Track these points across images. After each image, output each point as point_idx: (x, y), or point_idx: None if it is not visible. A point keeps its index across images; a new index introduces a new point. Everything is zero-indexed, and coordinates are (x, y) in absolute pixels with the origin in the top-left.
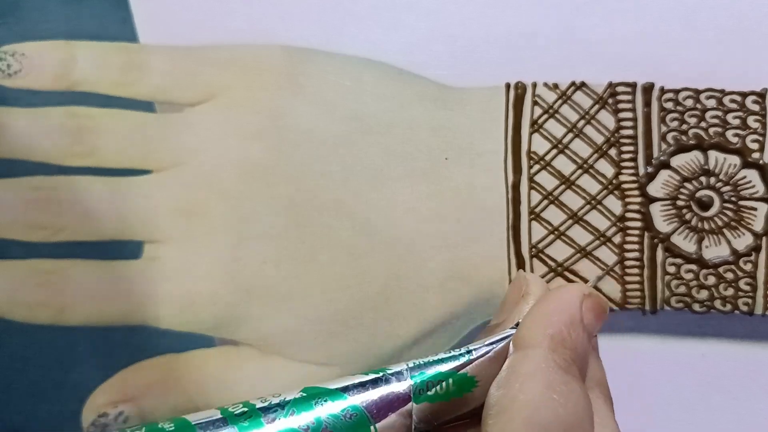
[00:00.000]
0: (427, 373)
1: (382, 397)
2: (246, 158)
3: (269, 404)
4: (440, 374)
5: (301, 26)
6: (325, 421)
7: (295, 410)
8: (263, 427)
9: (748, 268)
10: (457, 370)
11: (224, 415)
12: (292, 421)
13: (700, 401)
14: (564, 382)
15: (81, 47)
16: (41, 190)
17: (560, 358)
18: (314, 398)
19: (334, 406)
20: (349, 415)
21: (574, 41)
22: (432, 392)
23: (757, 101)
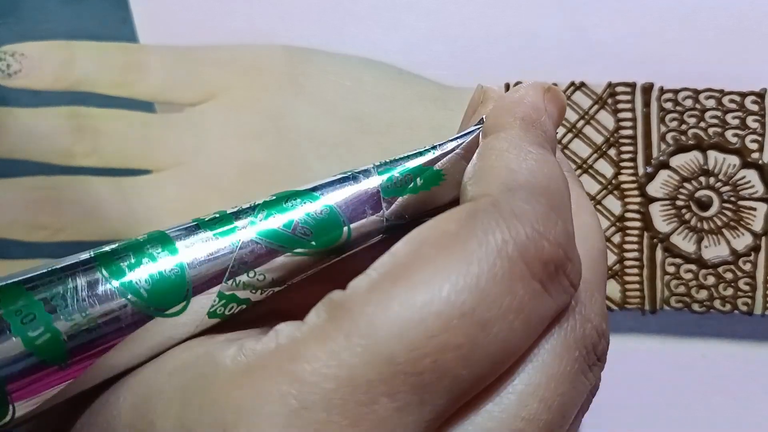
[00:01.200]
0: (394, 169)
1: (352, 194)
2: (246, 158)
3: (240, 209)
4: (408, 170)
5: (301, 26)
6: (297, 219)
7: (266, 211)
8: (236, 230)
9: (747, 268)
10: (424, 165)
11: (196, 221)
12: (265, 222)
13: (699, 401)
14: (539, 153)
15: (81, 47)
16: (41, 190)
17: (533, 136)
18: (284, 199)
19: (305, 206)
20: (321, 211)
21: (574, 41)
22: (401, 187)
23: (756, 101)
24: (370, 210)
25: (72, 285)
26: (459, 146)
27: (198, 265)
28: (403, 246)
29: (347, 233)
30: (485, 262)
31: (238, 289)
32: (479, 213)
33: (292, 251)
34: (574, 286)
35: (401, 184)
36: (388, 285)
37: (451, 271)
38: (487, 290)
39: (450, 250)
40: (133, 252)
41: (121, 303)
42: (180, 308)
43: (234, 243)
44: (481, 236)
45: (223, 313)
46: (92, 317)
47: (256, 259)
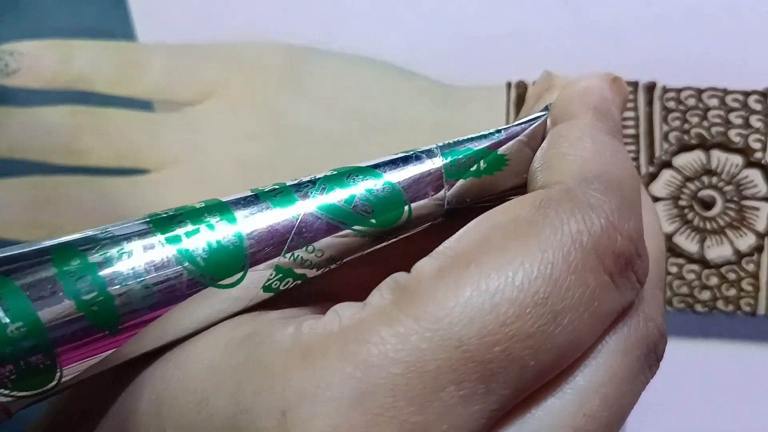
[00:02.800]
0: (458, 150)
1: (414, 174)
2: (245, 157)
3: (300, 182)
4: (471, 152)
5: (300, 24)
6: (358, 196)
7: (327, 185)
8: (296, 201)
9: (750, 269)
10: (488, 149)
11: (256, 192)
12: (326, 197)
13: (702, 401)
14: (612, 144)
15: (79, 46)
16: (39, 189)
17: (605, 126)
18: (346, 174)
19: (367, 183)
20: (383, 189)
21: (576, 39)
22: (464, 170)
23: (759, 100)
24: (431, 191)
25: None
26: (523, 131)
27: (257, 236)
28: (474, 229)
29: (408, 213)
30: (560, 250)
31: (296, 263)
32: (553, 201)
33: (351, 228)
34: (641, 282)
35: (464, 166)
36: (459, 269)
37: (525, 258)
38: (561, 280)
39: (524, 236)
40: (191, 219)
41: (177, 270)
42: (237, 279)
43: (294, 216)
44: (556, 224)
45: (278, 288)
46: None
47: (315, 233)
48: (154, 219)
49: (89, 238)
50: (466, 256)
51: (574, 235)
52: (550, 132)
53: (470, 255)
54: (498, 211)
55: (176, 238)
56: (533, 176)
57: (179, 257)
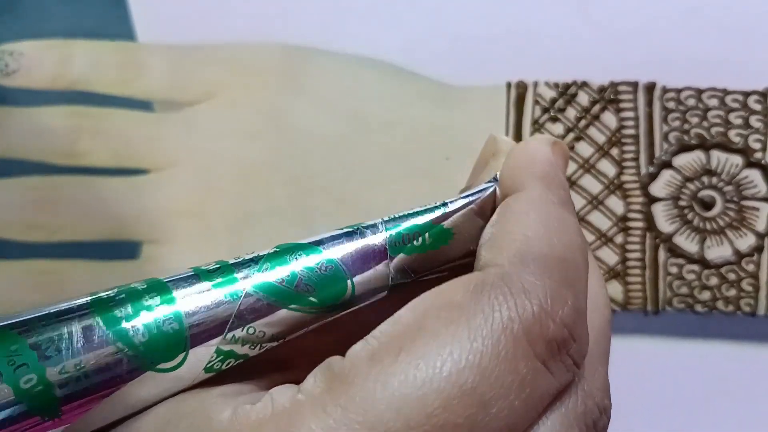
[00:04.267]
0: (402, 226)
1: (358, 250)
2: (245, 158)
3: (242, 260)
4: (416, 227)
5: (300, 25)
6: (299, 274)
7: (269, 265)
8: (237, 282)
9: (750, 269)
10: (433, 223)
11: (196, 272)
12: (267, 275)
13: (702, 402)
14: (561, 217)
15: (79, 46)
16: (39, 189)
17: (554, 195)
18: (288, 253)
19: (308, 260)
20: (325, 267)
21: (576, 40)
22: (408, 245)
23: (759, 101)
24: (375, 266)
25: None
26: (471, 203)
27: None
28: (406, 314)
29: (351, 289)
30: (489, 339)
31: (237, 344)
32: (487, 285)
33: (293, 307)
34: (577, 365)
35: (408, 240)
36: (388, 357)
37: (454, 347)
38: (489, 369)
39: (454, 323)
40: (130, 300)
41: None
42: (177, 363)
43: (234, 296)
44: (487, 311)
45: (220, 368)
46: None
47: (257, 314)
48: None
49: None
50: (397, 342)
51: (505, 322)
52: (500, 205)
53: (401, 341)
54: (433, 294)
55: (116, 321)
56: (479, 253)
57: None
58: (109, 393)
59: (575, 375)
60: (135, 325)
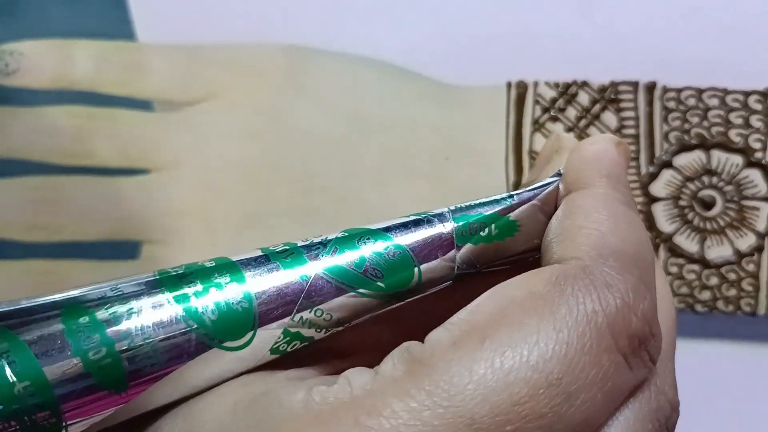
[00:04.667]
0: (470, 215)
1: (425, 238)
2: (245, 158)
3: (311, 243)
4: (483, 217)
5: (301, 25)
6: (368, 259)
7: (338, 248)
8: (306, 263)
9: (750, 269)
10: (500, 214)
11: (266, 252)
12: (336, 259)
13: (702, 402)
14: (628, 215)
15: (79, 46)
16: (39, 189)
17: (620, 194)
18: (357, 237)
19: (377, 246)
20: (393, 253)
21: (576, 39)
22: (475, 235)
23: (760, 100)
24: (442, 255)
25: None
26: (535, 197)
27: (266, 298)
28: (489, 302)
29: (418, 276)
30: (575, 330)
31: (304, 326)
32: (570, 277)
33: (360, 291)
34: (653, 361)
35: (475, 231)
36: (473, 343)
37: (540, 337)
38: (575, 360)
39: (539, 313)
40: (200, 278)
41: (185, 331)
42: (244, 342)
43: (303, 278)
44: (572, 303)
45: (285, 350)
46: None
47: (325, 296)
48: (164, 276)
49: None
50: (481, 330)
51: (589, 315)
52: (565, 200)
53: (485, 329)
54: (513, 284)
55: (185, 298)
56: (548, 247)
57: (188, 318)
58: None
59: (650, 371)
60: (205, 303)
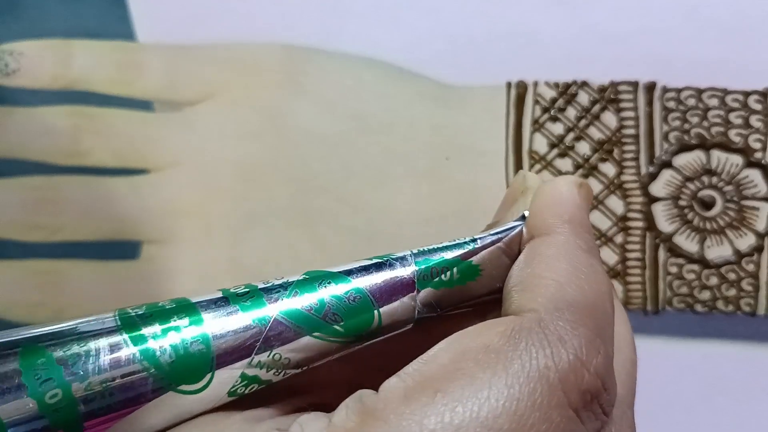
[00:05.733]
0: (431, 259)
1: (386, 281)
2: (245, 158)
3: (272, 285)
4: (444, 261)
5: (300, 25)
6: (328, 303)
7: (298, 291)
8: (265, 306)
9: (750, 269)
10: (461, 258)
11: (225, 294)
12: (295, 302)
13: (702, 402)
14: (588, 264)
15: (79, 46)
16: (39, 189)
17: (582, 241)
18: (317, 280)
19: (337, 289)
20: (353, 297)
21: (576, 40)
22: (436, 279)
23: (759, 100)
24: (402, 298)
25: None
26: (499, 241)
27: (224, 342)
28: (443, 353)
29: (378, 320)
30: (526, 386)
31: (262, 369)
32: (524, 331)
33: (320, 335)
34: (606, 414)
35: (436, 275)
36: (425, 396)
37: (492, 392)
38: (525, 416)
39: (492, 368)
40: (159, 320)
41: (143, 374)
42: (202, 385)
43: (262, 322)
44: (525, 358)
45: (243, 393)
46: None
47: (283, 341)
48: (123, 317)
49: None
50: (434, 382)
51: (541, 370)
52: (527, 247)
53: (438, 382)
54: (469, 334)
55: (143, 340)
56: (508, 295)
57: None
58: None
59: (603, 423)
60: (162, 345)
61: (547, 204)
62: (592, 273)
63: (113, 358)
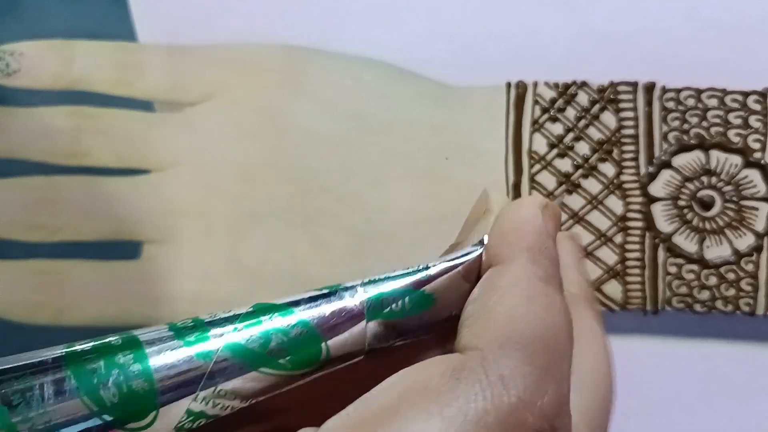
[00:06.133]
0: (382, 290)
1: (334, 312)
2: (245, 158)
3: (217, 318)
4: (396, 291)
5: (300, 25)
6: (273, 337)
7: (243, 324)
8: (209, 340)
9: (749, 269)
10: (414, 287)
11: (172, 329)
12: (240, 335)
13: (701, 402)
14: (545, 294)
15: (80, 46)
16: (40, 189)
17: (540, 269)
18: (263, 313)
19: (282, 321)
20: (299, 331)
21: (575, 40)
22: (386, 309)
23: (758, 101)
24: (351, 330)
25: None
26: (455, 267)
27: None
28: (384, 392)
29: (326, 353)
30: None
31: (207, 405)
32: (465, 371)
33: (265, 370)
34: None
35: (387, 305)
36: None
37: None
38: None
39: (427, 411)
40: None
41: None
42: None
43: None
44: (462, 401)
45: (190, 428)
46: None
47: (228, 376)
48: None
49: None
50: (372, 423)
51: (479, 414)
52: (483, 277)
53: (376, 423)
54: (410, 374)
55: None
56: (460, 329)
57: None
58: None
59: None
60: (106, 382)
61: (507, 229)
62: (548, 305)
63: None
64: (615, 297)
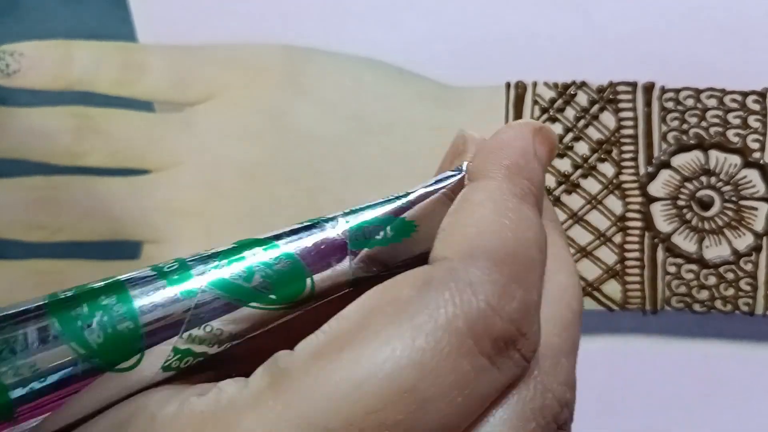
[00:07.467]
0: (362, 218)
1: (317, 243)
2: (245, 158)
3: (199, 257)
4: (376, 219)
5: (301, 25)
6: (256, 270)
7: (226, 261)
8: (192, 278)
9: (748, 268)
10: (394, 215)
11: (155, 270)
12: (223, 272)
13: (701, 401)
14: (517, 210)
15: (80, 47)
16: (40, 189)
17: (517, 187)
18: (245, 248)
19: (265, 255)
20: (282, 263)
21: (575, 40)
22: (370, 238)
23: (757, 101)
24: (335, 262)
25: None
26: (434, 192)
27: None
28: (356, 309)
29: (310, 286)
30: (432, 336)
31: (194, 343)
32: (434, 281)
33: (250, 305)
34: (526, 359)
35: (369, 235)
36: (332, 354)
37: (396, 345)
38: (430, 367)
39: (397, 321)
40: (86, 300)
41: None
42: (133, 363)
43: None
44: (432, 308)
45: (178, 366)
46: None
47: (213, 313)
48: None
49: None
50: (343, 339)
51: (449, 319)
52: (460, 194)
53: (346, 338)
54: (381, 289)
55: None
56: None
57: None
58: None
59: (524, 370)
60: (90, 325)
61: (491, 147)
62: (519, 219)
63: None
64: (614, 297)
